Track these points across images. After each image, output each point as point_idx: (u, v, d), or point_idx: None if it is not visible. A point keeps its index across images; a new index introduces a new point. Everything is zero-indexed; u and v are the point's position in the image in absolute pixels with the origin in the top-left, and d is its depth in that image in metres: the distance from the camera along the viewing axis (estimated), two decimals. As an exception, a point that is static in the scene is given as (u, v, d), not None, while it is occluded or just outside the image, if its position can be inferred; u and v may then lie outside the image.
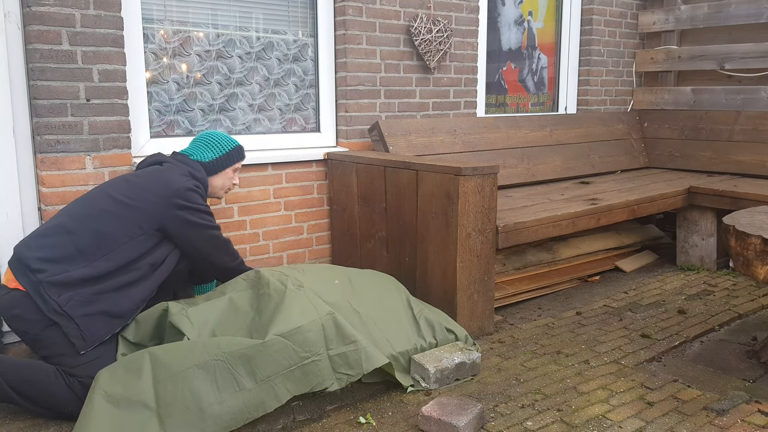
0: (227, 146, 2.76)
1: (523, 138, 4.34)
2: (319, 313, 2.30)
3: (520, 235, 3.14)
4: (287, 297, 2.35)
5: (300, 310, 2.30)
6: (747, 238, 2.48)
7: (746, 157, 4.56)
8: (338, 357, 2.26)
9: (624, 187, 4.16)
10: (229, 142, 2.78)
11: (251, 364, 2.12)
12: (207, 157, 2.71)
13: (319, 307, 2.34)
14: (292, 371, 2.16)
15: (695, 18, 4.97)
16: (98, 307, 2.27)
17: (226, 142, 2.77)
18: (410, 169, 3.07)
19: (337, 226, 3.68)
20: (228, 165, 2.77)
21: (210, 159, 2.72)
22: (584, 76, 5.09)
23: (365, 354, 2.29)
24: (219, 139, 2.77)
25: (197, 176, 2.60)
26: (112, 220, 2.34)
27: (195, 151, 2.72)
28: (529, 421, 2.23)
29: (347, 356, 2.27)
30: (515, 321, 3.25)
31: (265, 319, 2.30)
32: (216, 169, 2.73)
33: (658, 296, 3.62)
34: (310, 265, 2.82)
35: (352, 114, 3.71)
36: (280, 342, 2.17)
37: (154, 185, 2.44)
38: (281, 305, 2.31)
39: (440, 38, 3.92)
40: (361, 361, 2.27)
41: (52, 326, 2.20)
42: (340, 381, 2.25)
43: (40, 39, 2.67)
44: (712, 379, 2.58)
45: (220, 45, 3.37)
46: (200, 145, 2.74)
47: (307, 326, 2.24)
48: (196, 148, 2.73)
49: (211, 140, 2.76)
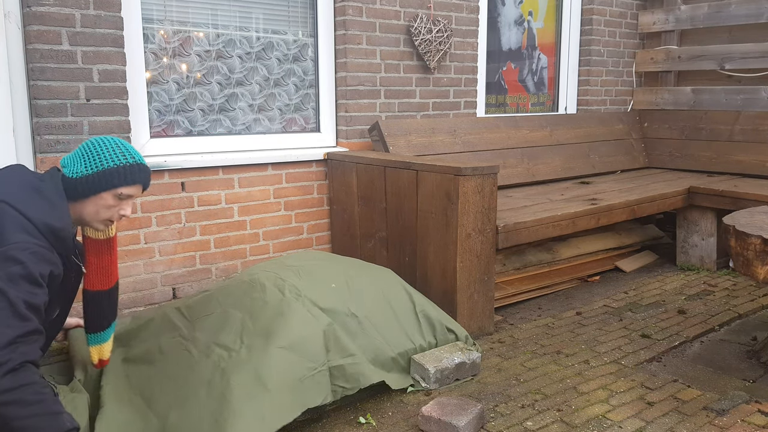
0: (107, 161, 1.99)
1: (523, 138, 4.34)
2: (320, 324, 2.29)
3: (520, 235, 3.14)
4: (286, 307, 2.33)
5: (300, 320, 2.29)
6: (747, 238, 2.48)
7: (746, 157, 4.56)
8: (336, 369, 2.25)
9: (624, 187, 4.16)
10: (113, 157, 2.00)
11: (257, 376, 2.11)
12: (77, 171, 1.98)
13: (318, 317, 2.33)
14: (302, 382, 2.14)
15: (695, 18, 4.97)
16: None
17: (110, 154, 2.00)
18: (410, 169, 3.07)
19: (337, 226, 3.68)
20: (104, 188, 1.99)
21: (78, 175, 1.97)
22: (584, 76, 5.09)
23: (362, 368, 2.28)
24: (101, 149, 2.01)
25: (37, 228, 1.82)
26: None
27: (70, 162, 2.02)
28: (529, 421, 2.23)
29: (345, 369, 2.25)
30: (515, 321, 3.25)
31: (261, 328, 2.29)
32: (84, 191, 1.98)
33: (658, 296, 3.61)
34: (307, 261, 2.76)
35: (352, 114, 3.71)
36: (284, 353, 2.17)
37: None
38: (281, 317, 2.30)
39: (440, 38, 3.91)
40: (358, 376, 2.26)
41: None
42: (335, 393, 2.23)
43: (40, 39, 2.67)
44: (712, 379, 2.58)
45: (220, 45, 3.37)
46: (77, 154, 2.03)
47: (309, 337, 2.24)
48: (72, 158, 2.03)
49: (90, 149, 2.02)
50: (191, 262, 3.25)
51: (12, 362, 1.62)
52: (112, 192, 2.01)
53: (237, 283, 2.59)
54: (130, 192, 2.05)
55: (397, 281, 2.77)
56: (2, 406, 1.60)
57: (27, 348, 1.68)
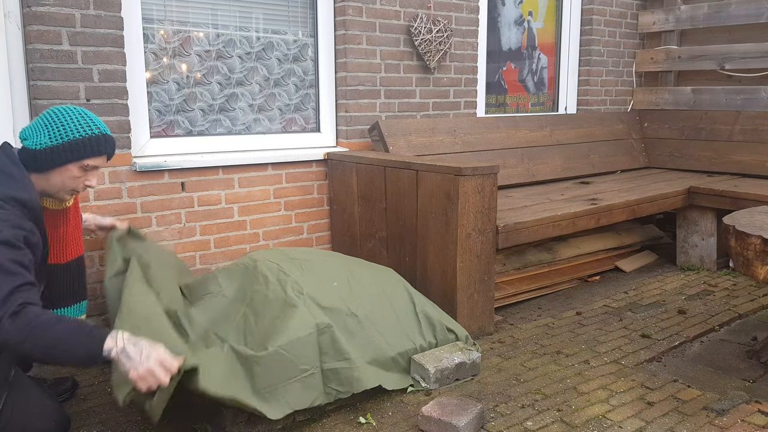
0: (72, 133, 1.96)
1: (523, 138, 4.34)
2: (318, 325, 2.30)
3: (520, 235, 3.14)
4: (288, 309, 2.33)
5: (299, 322, 2.29)
6: (747, 238, 2.48)
7: (746, 157, 4.56)
8: (330, 372, 2.25)
9: (624, 187, 4.16)
10: (79, 128, 1.98)
11: (249, 371, 2.13)
12: (40, 142, 1.94)
13: (318, 317, 2.33)
14: (292, 384, 2.16)
15: (695, 18, 4.97)
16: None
17: (75, 125, 1.98)
18: (410, 169, 3.07)
19: (337, 226, 3.68)
20: (69, 160, 1.97)
21: (42, 146, 1.94)
22: (584, 76, 5.09)
23: (357, 373, 2.28)
24: (65, 119, 1.98)
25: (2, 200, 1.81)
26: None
27: (32, 133, 1.98)
28: (529, 421, 2.23)
29: (339, 372, 2.26)
30: (515, 321, 3.25)
31: (263, 327, 2.30)
32: (49, 163, 1.95)
33: (658, 296, 3.61)
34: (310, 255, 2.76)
35: (352, 114, 3.71)
36: (279, 354, 2.18)
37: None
38: (282, 319, 2.30)
39: (440, 38, 3.92)
40: (352, 380, 2.26)
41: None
42: (329, 395, 2.24)
43: (40, 39, 2.67)
44: (712, 379, 2.58)
45: (220, 45, 3.36)
46: (39, 125, 1.99)
47: (305, 338, 2.24)
48: (33, 129, 1.99)
49: (53, 120, 1.98)
50: (191, 262, 3.25)
51: (10, 308, 1.64)
52: (78, 164, 1.99)
53: (238, 268, 2.59)
54: (96, 163, 2.03)
55: (398, 281, 2.78)
56: (20, 345, 1.63)
57: (23, 294, 1.69)
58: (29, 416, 1.97)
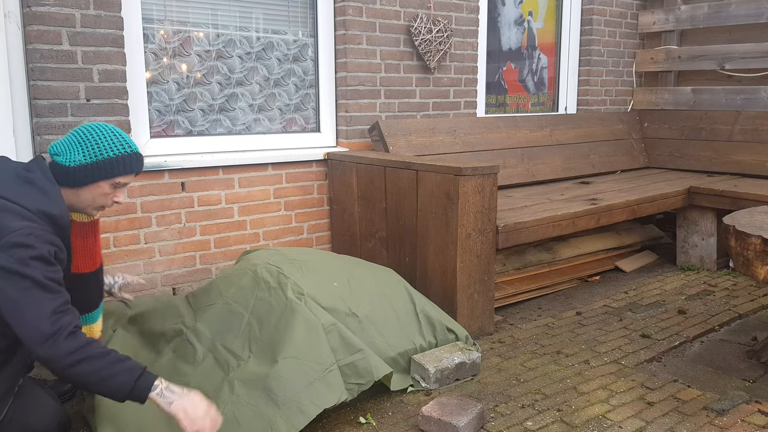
0: (107, 151, 1.98)
1: (523, 138, 4.34)
2: (323, 326, 2.29)
3: (520, 235, 3.14)
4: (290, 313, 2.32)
5: (305, 325, 2.28)
6: (747, 238, 2.48)
7: (746, 157, 4.56)
8: (347, 367, 2.23)
9: (624, 187, 4.16)
10: (113, 147, 2.00)
11: (267, 392, 2.10)
12: (74, 160, 1.95)
13: (322, 317, 2.33)
14: (314, 385, 2.13)
15: (695, 18, 4.97)
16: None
17: (110, 144, 2.00)
18: (410, 169, 3.07)
19: (337, 226, 3.68)
20: (103, 177, 1.99)
21: (76, 164, 1.95)
22: (584, 76, 5.09)
23: (374, 361, 2.27)
24: (99, 138, 2.00)
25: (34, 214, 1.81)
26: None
27: (65, 149, 1.98)
28: (529, 421, 2.23)
29: (356, 365, 2.24)
30: (515, 321, 3.25)
31: (268, 335, 2.30)
32: (81, 180, 1.96)
33: (658, 296, 3.61)
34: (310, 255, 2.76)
35: (352, 114, 3.71)
36: (291, 362, 2.16)
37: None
38: (286, 326, 2.29)
39: (440, 38, 3.91)
40: (370, 369, 2.24)
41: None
42: (351, 391, 2.20)
43: (40, 39, 2.67)
44: (712, 379, 2.58)
45: (220, 45, 3.36)
46: (72, 142, 1.99)
47: (314, 339, 2.23)
48: (66, 145, 1.99)
49: (86, 137, 1.99)
50: (191, 262, 3.25)
51: (67, 327, 1.69)
52: (110, 181, 2.01)
53: (239, 273, 2.59)
54: (126, 180, 2.08)
55: (398, 281, 2.78)
56: (75, 365, 1.68)
57: (70, 316, 1.73)
58: (30, 416, 1.98)
